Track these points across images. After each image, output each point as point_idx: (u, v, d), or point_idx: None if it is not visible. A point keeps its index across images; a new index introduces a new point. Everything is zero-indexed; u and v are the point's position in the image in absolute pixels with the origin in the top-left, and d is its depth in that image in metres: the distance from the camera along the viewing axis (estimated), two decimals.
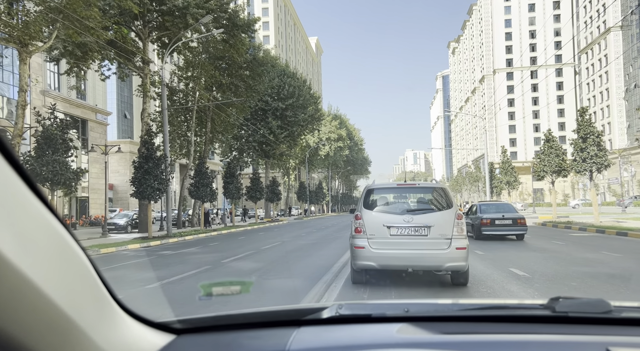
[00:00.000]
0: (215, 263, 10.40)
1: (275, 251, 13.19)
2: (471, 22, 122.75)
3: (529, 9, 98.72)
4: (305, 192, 55.91)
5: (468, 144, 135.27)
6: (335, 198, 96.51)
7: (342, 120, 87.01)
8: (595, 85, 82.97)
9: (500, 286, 7.06)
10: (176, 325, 1.25)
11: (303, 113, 48.62)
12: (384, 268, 6.79)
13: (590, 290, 6.71)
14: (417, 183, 7.58)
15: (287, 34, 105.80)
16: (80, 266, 0.85)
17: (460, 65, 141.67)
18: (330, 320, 1.29)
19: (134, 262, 11.17)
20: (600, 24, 79.81)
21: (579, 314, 1.15)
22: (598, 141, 20.39)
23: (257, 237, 20.28)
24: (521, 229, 15.26)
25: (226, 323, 1.32)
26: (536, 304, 1.26)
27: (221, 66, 31.30)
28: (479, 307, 1.34)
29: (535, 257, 10.62)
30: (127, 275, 9.24)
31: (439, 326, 1.20)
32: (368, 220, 6.82)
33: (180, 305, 5.97)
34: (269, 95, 46.66)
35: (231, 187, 29.52)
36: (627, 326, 1.16)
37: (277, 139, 47.61)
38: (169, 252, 13.89)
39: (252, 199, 35.02)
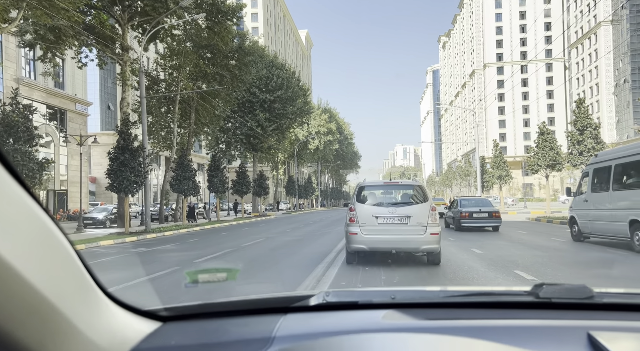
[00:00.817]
0: (186, 263, 9.47)
1: (256, 249, 12.27)
2: (462, 16, 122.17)
3: (519, 3, 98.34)
4: (294, 186, 54.98)
5: (458, 139, 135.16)
6: (324, 192, 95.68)
7: (332, 113, 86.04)
8: (585, 80, 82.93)
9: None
10: (162, 312, 1.25)
11: (292, 105, 47.58)
12: (373, 250, 8.33)
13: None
14: (400, 182, 9.15)
15: (276, 25, 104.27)
16: (64, 253, 0.85)
17: (451, 60, 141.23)
18: (317, 307, 1.29)
19: (96, 261, 10.16)
20: (590, 19, 79.61)
21: (561, 300, 1.18)
22: (596, 134, 19.76)
23: (241, 232, 19.34)
24: (496, 221, 16.78)
25: (213, 311, 1.31)
26: (520, 290, 1.28)
27: (206, 55, 30.15)
28: (464, 294, 1.35)
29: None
30: None
31: (424, 312, 1.22)
32: (360, 211, 8.29)
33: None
34: (256, 87, 45.53)
35: (215, 181, 28.48)
36: (607, 311, 1.19)
37: (265, 132, 46.56)
38: (142, 249, 12.89)
39: (238, 193, 33.99)
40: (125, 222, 18.48)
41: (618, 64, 73.43)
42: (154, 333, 1.16)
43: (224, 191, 29.01)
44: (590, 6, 78.06)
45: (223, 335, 1.18)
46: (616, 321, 1.13)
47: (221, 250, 11.91)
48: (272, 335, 1.12)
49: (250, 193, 41.19)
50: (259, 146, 48.65)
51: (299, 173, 79.87)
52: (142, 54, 21.66)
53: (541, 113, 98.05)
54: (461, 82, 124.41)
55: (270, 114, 46.46)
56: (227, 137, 47.97)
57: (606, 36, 75.28)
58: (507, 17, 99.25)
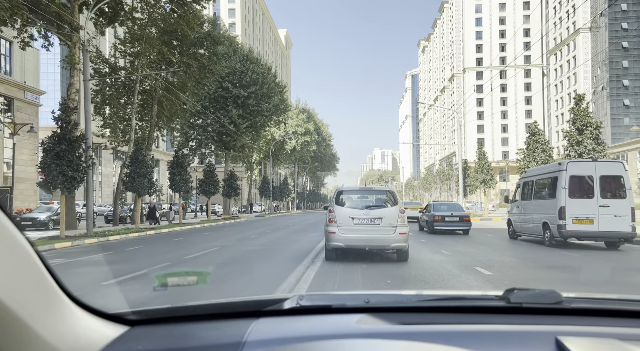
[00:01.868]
0: (86, 288, 6.90)
1: (200, 263, 9.87)
2: (442, 20, 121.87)
3: (499, 8, 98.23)
4: (268, 188, 52.49)
5: (437, 142, 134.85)
6: (301, 195, 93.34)
7: (310, 114, 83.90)
8: (563, 87, 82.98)
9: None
10: (130, 316, 1.22)
11: (267, 102, 45.20)
12: (349, 247, 9.14)
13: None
14: (374, 187, 10.47)
15: (254, 22, 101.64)
16: (22, 254, 0.83)
17: (430, 64, 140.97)
18: (291, 311, 1.28)
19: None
20: (569, 25, 79.70)
21: (531, 305, 1.20)
22: (597, 134, 18.17)
23: (198, 238, 16.91)
24: (466, 225, 17.68)
25: (183, 315, 1.29)
26: (492, 295, 1.29)
27: (171, 42, 27.56)
28: (437, 298, 1.37)
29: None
30: None
31: (397, 316, 1.22)
32: (338, 213, 9.12)
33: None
34: (229, 82, 43.03)
35: (177, 179, 25.88)
36: (576, 316, 1.21)
37: (238, 130, 44.04)
38: (61, 260, 10.36)
39: (204, 194, 31.41)
40: (62, 224, 15.82)
41: (596, 71, 73.52)
42: (120, 337, 1.13)
43: (187, 191, 26.42)
44: (570, 13, 78.12)
45: (192, 339, 1.14)
46: (583, 327, 1.14)
47: (155, 264, 9.50)
48: (243, 340, 1.09)
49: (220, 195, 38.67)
50: (232, 144, 46.09)
51: (275, 175, 77.36)
52: (85, 28, 18.98)
53: (519, 119, 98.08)
54: (440, 86, 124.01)
55: (244, 111, 43.98)
56: (197, 134, 45.27)
57: (584, 43, 75.36)
58: (487, 22, 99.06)
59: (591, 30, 74.33)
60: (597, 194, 12.33)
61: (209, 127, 45.13)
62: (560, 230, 12.53)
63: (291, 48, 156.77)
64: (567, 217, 12.42)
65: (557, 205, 12.66)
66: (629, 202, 12.34)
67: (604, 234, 12.39)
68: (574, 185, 12.50)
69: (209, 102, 43.54)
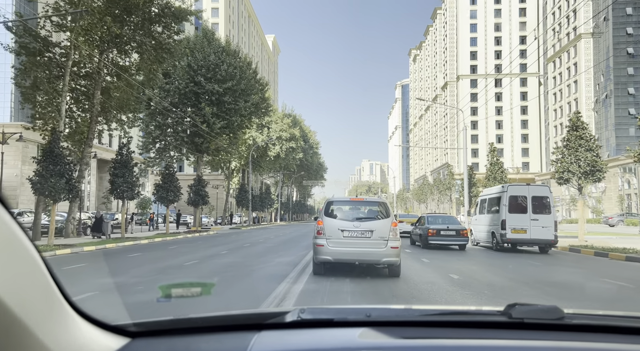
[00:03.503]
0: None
1: None
2: (434, 28, 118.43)
3: (495, 14, 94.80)
4: (246, 197, 46.93)
5: (427, 154, 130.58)
6: (285, 205, 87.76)
7: (297, 120, 78.87)
8: (562, 96, 79.09)
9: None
10: (132, 328, 1.22)
11: (245, 100, 39.92)
12: (338, 261, 8.75)
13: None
14: (365, 198, 9.79)
15: (239, 24, 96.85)
16: (31, 264, 0.84)
17: (422, 73, 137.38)
18: (292, 324, 1.27)
19: None
20: (570, 31, 76.09)
21: (533, 320, 1.20)
22: (593, 145, 14.50)
23: (125, 263, 11.55)
24: (463, 240, 16.57)
25: (184, 327, 1.28)
26: (494, 310, 1.29)
27: (120, 15, 22.27)
28: (439, 313, 1.37)
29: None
30: None
31: (399, 331, 1.22)
32: (327, 225, 8.81)
33: None
34: (202, 75, 37.77)
35: (119, 182, 20.36)
36: (577, 333, 1.20)
37: (211, 130, 38.67)
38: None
39: (161, 201, 25.95)
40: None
41: (599, 79, 69.69)
42: (122, 349, 1.13)
43: (132, 197, 20.90)
44: (570, 18, 74.50)
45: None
46: (585, 343, 1.15)
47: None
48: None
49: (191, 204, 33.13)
50: (205, 147, 40.67)
51: (257, 183, 71.82)
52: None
53: (515, 129, 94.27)
54: (432, 95, 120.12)
55: (219, 109, 38.69)
56: (164, 134, 39.79)
57: (586, 49, 71.65)
58: (482, 29, 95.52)
59: (593, 36, 70.67)
60: (530, 210, 15.67)
61: (178, 127, 39.75)
62: (502, 238, 15.77)
63: (279, 54, 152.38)
64: (507, 227, 15.64)
65: (500, 218, 15.97)
66: (553, 217, 15.71)
67: (535, 241, 15.58)
68: (512, 203, 15.85)
69: (179, 98, 38.20)
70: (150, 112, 39.29)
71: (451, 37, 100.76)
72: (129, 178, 20.80)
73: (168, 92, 37.63)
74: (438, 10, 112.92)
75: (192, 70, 38.04)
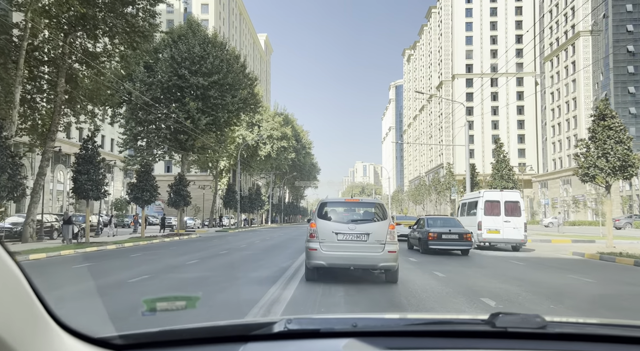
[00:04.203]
0: None
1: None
2: (429, 27, 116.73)
3: (490, 12, 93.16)
4: (234, 197, 44.52)
5: (422, 155, 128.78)
6: (277, 207, 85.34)
7: (289, 119, 76.55)
8: (560, 95, 77.41)
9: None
10: (117, 340, 1.20)
11: (233, 95, 37.58)
12: (332, 266, 8.19)
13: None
14: (361, 199, 9.57)
15: (230, 21, 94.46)
16: (10, 276, 0.82)
17: (416, 73, 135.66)
18: (278, 335, 1.26)
19: None
20: (568, 29, 74.46)
21: (516, 329, 1.20)
22: (624, 136, 12.39)
23: (56, 278, 9.27)
24: (466, 244, 15.50)
25: (170, 339, 1.27)
26: (478, 319, 1.29)
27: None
28: (424, 322, 1.38)
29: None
30: None
31: (385, 341, 1.22)
32: (321, 227, 8.22)
33: None
34: (186, 68, 35.41)
35: (83, 180, 17.96)
36: (560, 341, 1.21)
37: (196, 127, 36.30)
38: None
39: (136, 201, 23.57)
40: None
41: (598, 77, 68.03)
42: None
43: (98, 197, 18.50)
44: (568, 16, 72.87)
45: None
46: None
47: None
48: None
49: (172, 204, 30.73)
50: (189, 145, 38.29)
51: (247, 183, 69.40)
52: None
53: (511, 129, 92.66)
54: (427, 95, 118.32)
55: (204, 104, 36.35)
56: (145, 131, 37.37)
57: (585, 47, 69.99)
58: (477, 27, 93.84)
59: (592, 33, 69.04)
60: (502, 213, 17.62)
61: (161, 123, 37.34)
62: (479, 238, 17.75)
63: (271, 54, 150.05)
64: (483, 228, 17.66)
65: (477, 220, 17.92)
66: (523, 219, 17.64)
67: (507, 240, 17.57)
68: (488, 207, 17.91)
69: (161, 92, 35.82)
70: (131, 107, 36.89)
71: (446, 36, 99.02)
72: (95, 176, 18.40)
73: (150, 85, 35.23)
74: (433, 9, 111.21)
75: (176, 62, 35.69)
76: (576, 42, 71.57)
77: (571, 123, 74.12)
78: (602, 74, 66.70)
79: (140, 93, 34.35)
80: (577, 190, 69.74)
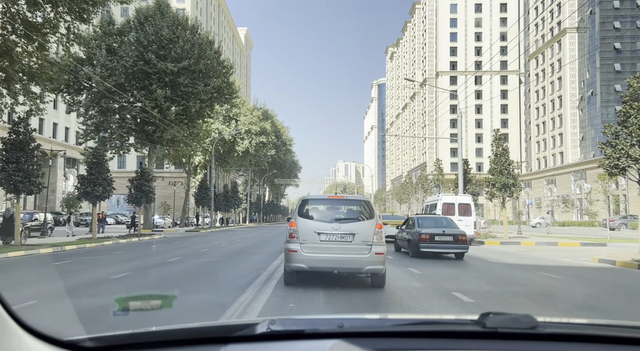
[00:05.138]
0: None
1: None
2: (413, 23, 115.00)
3: (475, 9, 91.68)
4: (207, 195, 41.40)
5: (404, 154, 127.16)
6: (256, 205, 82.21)
7: (268, 114, 73.54)
8: (545, 93, 76.22)
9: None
10: (87, 343, 1.13)
11: (205, 84, 34.52)
12: (313, 269, 7.49)
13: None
14: (345, 196, 8.58)
15: (208, 12, 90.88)
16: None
17: (399, 70, 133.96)
18: (261, 337, 1.21)
19: None
20: (554, 26, 73.22)
21: (507, 329, 1.18)
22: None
23: None
24: (462, 247, 13.94)
25: (145, 341, 1.21)
26: (468, 320, 1.27)
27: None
28: (412, 322, 1.35)
29: None
30: None
31: (372, 342, 1.19)
32: (301, 226, 7.56)
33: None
34: (153, 52, 32.22)
35: (11, 169, 14.83)
36: (551, 342, 1.21)
37: (165, 117, 33.16)
38: None
39: (86, 197, 20.46)
40: None
41: (584, 75, 66.88)
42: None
43: (30, 191, 15.39)
44: (554, 12, 71.59)
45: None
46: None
47: None
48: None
49: (132, 201, 27.59)
50: (157, 137, 35.09)
51: (224, 180, 66.15)
52: None
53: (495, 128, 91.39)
54: (410, 93, 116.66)
55: (173, 92, 33.23)
56: (107, 121, 34.03)
57: (571, 45, 68.80)
58: (462, 24, 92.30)
59: (578, 31, 67.86)
60: (457, 213, 20.92)
61: (125, 113, 34.03)
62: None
63: (251, 49, 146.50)
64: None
65: None
66: (473, 218, 21.50)
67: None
68: (445, 208, 21.35)
69: (126, 78, 32.52)
70: (92, 95, 33.55)
71: (430, 33, 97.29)
72: (27, 166, 15.26)
73: (112, 70, 31.92)
74: (417, 5, 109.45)
75: (142, 45, 32.46)
76: (562, 39, 70.37)
77: (556, 122, 72.95)
78: (588, 71, 65.56)
79: (102, 79, 31.09)
80: (561, 190, 68.60)
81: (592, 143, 64.76)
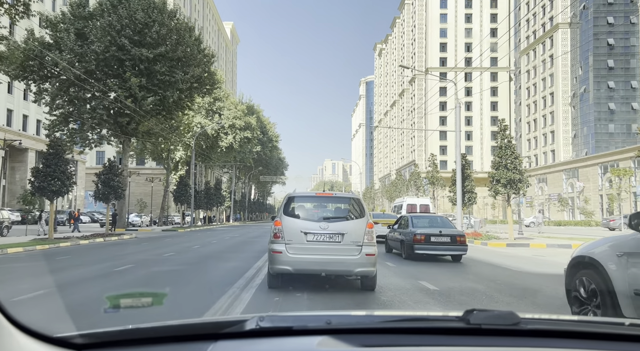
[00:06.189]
0: None
1: None
2: (402, 19, 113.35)
3: (465, 4, 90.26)
4: (186, 192, 38.96)
5: (392, 152, 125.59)
6: (241, 203, 79.74)
7: (254, 109, 71.17)
8: (537, 90, 75.02)
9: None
10: (77, 339, 1.13)
11: (184, 72, 32.15)
12: (299, 272, 7.08)
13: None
14: (334, 193, 8.22)
15: (192, 4, 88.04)
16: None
17: (388, 67, 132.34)
18: (250, 333, 1.23)
19: None
20: (546, 21, 71.98)
21: (490, 326, 1.21)
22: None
23: None
24: (460, 249, 12.80)
25: (134, 338, 1.21)
26: (452, 316, 1.30)
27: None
28: (398, 319, 1.37)
29: None
30: None
31: (359, 338, 1.22)
32: (287, 226, 7.13)
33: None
34: (126, 37, 29.73)
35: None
36: (533, 338, 1.23)
37: (140, 107, 30.74)
38: None
39: (41, 192, 18.04)
40: None
41: (577, 72, 65.72)
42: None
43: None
44: (546, 7, 70.32)
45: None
46: (540, 348, 1.19)
47: None
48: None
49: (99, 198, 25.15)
50: (131, 129, 32.65)
51: (207, 177, 63.62)
52: None
53: (484, 126, 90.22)
54: (399, 90, 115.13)
55: (149, 81, 30.87)
56: (77, 111, 31.43)
57: (564, 40, 67.60)
58: (452, 19, 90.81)
59: (571, 26, 66.67)
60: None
61: (97, 102, 31.45)
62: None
63: (238, 44, 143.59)
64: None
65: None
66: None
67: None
68: (408, 208, 25.48)
69: (96, 65, 29.95)
70: (59, 83, 30.93)
71: (420, 29, 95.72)
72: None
73: (82, 56, 29.37)
74: (406, 0, 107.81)
75: (114, 30, 29.94)
76: (554, 35, 69.16)
77: (548, 120, 71.79)
78: (580, 68, 64.40)
79: (70, 65, 28.51)
80: (552, 189, 67.46)
81: (584, 141, 63.67)
